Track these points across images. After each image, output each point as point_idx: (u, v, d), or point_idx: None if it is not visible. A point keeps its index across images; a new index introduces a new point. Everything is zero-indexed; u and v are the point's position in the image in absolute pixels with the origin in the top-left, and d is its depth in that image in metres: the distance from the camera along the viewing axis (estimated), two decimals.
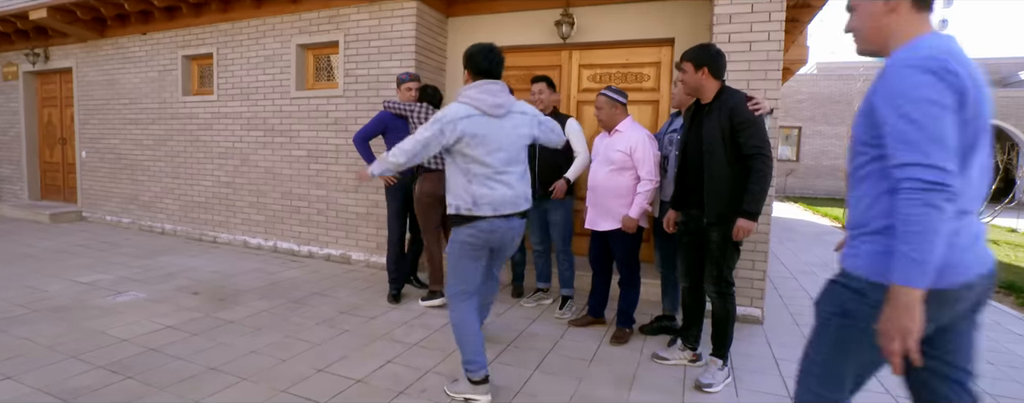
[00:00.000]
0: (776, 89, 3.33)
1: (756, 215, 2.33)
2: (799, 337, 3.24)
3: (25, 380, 2.35)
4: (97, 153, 6.72)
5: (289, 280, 4.19)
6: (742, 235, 2.35)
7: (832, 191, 16.52)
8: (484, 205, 2.19)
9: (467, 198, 2.19)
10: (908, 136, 1.09)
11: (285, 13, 5.07)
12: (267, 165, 5.31)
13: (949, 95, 1.09)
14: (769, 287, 4.44)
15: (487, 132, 2.17)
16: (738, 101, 2.34)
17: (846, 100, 16.39)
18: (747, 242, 3.42)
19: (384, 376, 2.49)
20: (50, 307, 3.35)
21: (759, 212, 2.34)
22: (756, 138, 2.30)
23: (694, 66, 2.40)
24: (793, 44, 6.07)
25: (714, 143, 2.36)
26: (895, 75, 1.13)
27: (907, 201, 1.08)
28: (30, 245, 5.27)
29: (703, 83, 2.41)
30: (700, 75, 2.39)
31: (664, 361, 2.75)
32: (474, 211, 2.19)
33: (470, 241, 2.22)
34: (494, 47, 2.26)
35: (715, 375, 2.47)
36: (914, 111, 1.09)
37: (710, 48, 2.41)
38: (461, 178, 2.20)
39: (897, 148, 1.11)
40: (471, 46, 2.27)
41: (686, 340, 2.75)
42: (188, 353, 2.69)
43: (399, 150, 2.18)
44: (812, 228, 8.82)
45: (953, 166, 1.07)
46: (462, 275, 2.28)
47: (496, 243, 2.28)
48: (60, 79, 7.23)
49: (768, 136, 2.36)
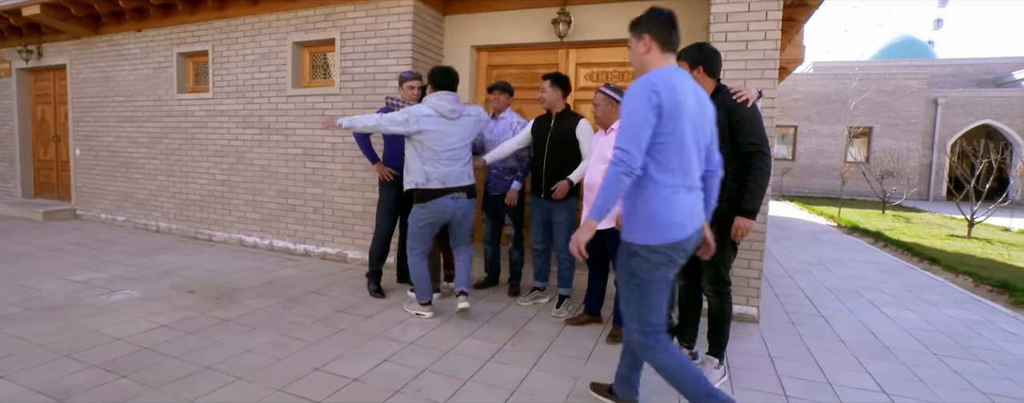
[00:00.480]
0: (773, 88, 3.34)
1: (755, 213, 2.34)
2: (795, 336, 3.25)
3: (18, 379, 2.33)
4: (91, 151, 6.68)
5: (285, 279, 4.18)
6: (741, 234, 2.36)
7: (828, 190, 16.58)
8: (434, 180, 3.08)
9: (421, 175, 3.09)
10: (622, 131, 1.75)
11: (281, 10, 5.04)
12: (263, 163, 5.28)
13: (649, 108, 1.73)
14: (765, 286, 4.45)
15: (441, 129, 3.08)
16: (735, 101, 2.35)
17: (842, 99, 16.44)
18: (744, 241, 3.43)
19: (380, 375, 2.49)
20: (43, 306, 3.33)
21: (757, 210, 2.35)
22: (754, 136, 2.31)
23: (690, 66, 2.39)
24: (789, 43, 6.08)
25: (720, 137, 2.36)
26: (629, 91, 1.77)
27: (609, 171, 1.74)
28: (23, 243, 5.24)
29: (699, 82, 2.39)
30: (695, 74, 2.39)
31: None
32: (426, 185, 3.08)
33: (424, 216, 3.15)
34: (451, 69, 3.22)
35: (711, 374, 2.47)
36: (627, 115, 1.75)
37: (705, 47, 2.41)
38: (417, 160, 3.11)
39: (617, 138, 1.76)
40: (434, 67, 3.22)
41: (682, 339, 2.75)
42: (183, 352, 2.67)
43: (372, 119, 3.12)
44: (808, 227, 8.85)
45: (638, 154, 1.73)
46: (418, 239, 3.22)
47: (448, 218, 3.20)
48: (54, 76, 7.17)
49: (766, 134, 2.37)
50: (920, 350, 3.08)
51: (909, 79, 16.15)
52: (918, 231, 8.38)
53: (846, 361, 2.86)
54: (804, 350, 3.00)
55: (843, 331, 3.37)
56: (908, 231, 8.31)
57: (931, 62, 18.81)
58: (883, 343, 3.17)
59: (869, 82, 16.27)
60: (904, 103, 16.13)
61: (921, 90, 16.03)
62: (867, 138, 16.50)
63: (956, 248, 6.81)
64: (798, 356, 2.91)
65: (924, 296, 4.37)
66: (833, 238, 7.67)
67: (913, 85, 16.08)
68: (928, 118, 16.21)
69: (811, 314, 3.73)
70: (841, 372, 2.70)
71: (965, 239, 7.70)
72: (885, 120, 16.23)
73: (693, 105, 1.81)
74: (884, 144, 16.08)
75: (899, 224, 9.24)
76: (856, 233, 8.30)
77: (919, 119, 16.02)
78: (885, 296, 4.32)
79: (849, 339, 3.22)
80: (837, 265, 5.59)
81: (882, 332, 3.38)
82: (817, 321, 3.57)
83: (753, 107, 2.37)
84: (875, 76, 16.37)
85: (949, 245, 7.03)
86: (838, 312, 3.81)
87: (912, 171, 15.39)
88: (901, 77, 16.24)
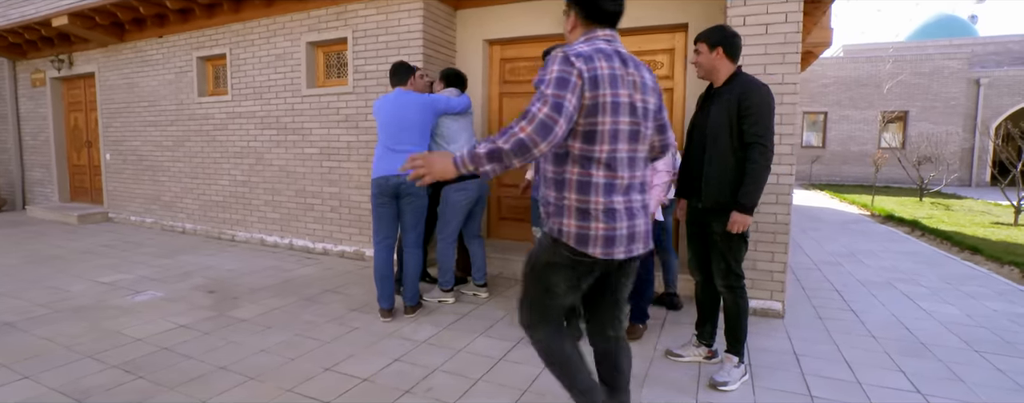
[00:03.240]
0: (794, 73, 3.18)
1: (750, 208, 2.22)
2: (822, 332, 3.10)
3: (42, 380, 2.39)
4: (120, 155, 6.89)
5: (302, 277, 4.22)
6: (737, 228, 2.25)
7: (860, 178, 15.96)
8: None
9: None
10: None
11: (294, 11, 5.08)
12: (281, 163, 5.35)
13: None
14: (791, 279, 4.28)
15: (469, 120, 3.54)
16: (748, 87, 2.23)
17: (875, 83, 15.77)
18: (767, 233, 3.30)
19: (391, 375, 2.47)
20: (72, 307, 3.43)
21: (754, 205, 2.23)
22: (759, 126, 2.19)
23: (709, 46, 2.31)
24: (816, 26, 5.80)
25: (719, 129, 2.27)
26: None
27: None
28: (58, 246, 5.44)
29: (717, 64, 2.32)
30: (714, 55, 2.31)
31: (678, 358, 2.66)
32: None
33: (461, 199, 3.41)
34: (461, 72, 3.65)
35: (731, 373, 2.37)
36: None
37: (725, 29, 2.32)
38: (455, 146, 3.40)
39: None
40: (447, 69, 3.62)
41: (701, 336, 2.66)
42: (199, 352, 2.71)
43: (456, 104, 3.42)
44: (838, 216, 8.52)
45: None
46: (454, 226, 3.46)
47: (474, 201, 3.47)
48: (84, 84, 7.42)
49: (773, 127, 2.24)
50: (959, 346, 2.90)
51: (948, 59, 15.36)
52: (959, 219, 7.97)
53: (878, 359, 2.71)
54: (832, 347, 2.86)
55: (875, 326, 3.21)
56: (948, 219, 7.91)
57: (972, 41, 17.82)
58: (918, 339, 3.00)
59: (904, 64, 15.56)
60: (942, 84, 15.37)
61: (961, 70, 15.24)
62: (902, 123, 15.79)
63: (1001, 237, 6.44)
64: (826, 353, 2.77)
65: (964, 288, 4.13)
66: (866, 228, 7.35)
67: (952, 65, 15.30)
68: (969, 100, 15.41)
69: (840, 308, 3.57)
70: (872, 370, 2.56)
71: (1011, 227, 7.28)
72: (922, 103, 15.50)
73: None
74: (921, 128, 15.37)
75: (938, 212, 8.81)
76: (891, 222, 7.94)
77: (959, 101, 15.24)
78: (921, 289, 4.10)
79: (881, 335, 3.06)
80: (870, 256, 5.35)
81: (917, 327, 3.20)
82: (847, 316, 3.41)
83: (768, 95, 2.24)
84: (911, 57, 15.63)
85: (993, 233, 6.66)
86: (870, 306, 3.63)
87: (952, 156, 14.68)
88: (939, 57, 15.46)
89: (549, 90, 1.43)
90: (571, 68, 1.45)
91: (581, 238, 1.52)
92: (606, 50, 1.54)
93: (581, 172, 1.53)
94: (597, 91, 1.48)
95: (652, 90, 1.64)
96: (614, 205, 1.54)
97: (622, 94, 1.52)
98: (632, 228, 1.57)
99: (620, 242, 1.54)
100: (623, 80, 1.53)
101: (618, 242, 1.54)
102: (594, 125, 1.50)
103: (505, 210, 4.86)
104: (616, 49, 1.58)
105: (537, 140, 1.39)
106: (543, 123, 1.39)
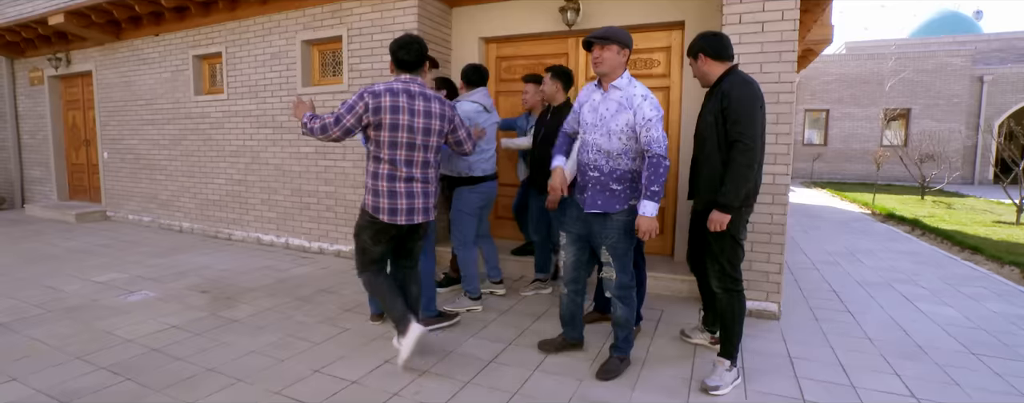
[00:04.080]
0: (790, 71, 3.14)
1: (729, 208, 2.19)
2: (818, 334, 3.07)
3: (30, 382, 2.38)
4: (117, 154, 6.88)
5: (297, 277, 4.20)
6: (714, 227, 2.24)
7: (862, 176, 15.88)
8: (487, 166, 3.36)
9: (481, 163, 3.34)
10: None
11: (290, 9, 5.05)
12: (277, 162, 5.33)
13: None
14: (788, 279, 4.25)
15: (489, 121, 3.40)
16: (730, 85, 2.22)
17: (877, 80, 15.66)
18: (763, 233, 3.26)
19: (379, 377, 2.45)
20: (64, 307, 3.42)
21: (733, 205, 2.19)
22: (740, 124, 2.16)
23: (692, 57, 2.40)
24: (816, 23, 5.74)
25: (708, 128, 2.29)
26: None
27: None
28: (54, 245, 5.43)
29: (705, 69, 2.39)
30: (700, 62, 2.38)
31: (688, 339, 2.86)
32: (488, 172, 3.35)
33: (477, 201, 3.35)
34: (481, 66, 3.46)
35: (722, 376, 2.34)
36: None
37: (703, 35, 2.39)
38: None
39: None
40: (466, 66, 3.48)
41: (706, 322, 2.80)
42: (189, 353, 2.70)
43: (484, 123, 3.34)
44: (839, 215, 8.47)
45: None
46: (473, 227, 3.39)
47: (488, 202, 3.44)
48: (82, 82, 7.41)
49: (758, 124, 2.18)
50: (957, 349, 2.86)
51: (951, 56, 15.25)
52: (960, 218, 7.92)
53: (873, 362, 2.68)
54: (827, 350, 2.83)
55: (872, 328, 3.18)
56: (949, 218, 7.86)
57: (975, 37, 17.69)
58: (915, 341, 2.97)
59: (907, 61, 15.44)
60: (946, 82, 15.26)
61: (965, 67, 15.13)
62: (905, 120, 15.70)
63: (1002, 236, 6.39)
64: (821, 356, 2.74)
65: (964, 289, 4.09)
66: (866, 226, 7.31)
67: (956, 62, 15.19)
68: (973, 97, 15.30)
69: (837, 310, 3.53)
70: (867, 374, 2.53)
71: (1013, 226, 7.23)
72: (925, 101, 15.40)
73: None
74: (923, 126, 15.28)
75: (939, 210, 8.75)
76: (891, 221, 7.89)
77: (962, 98, 15.14)
78: (920, 289, 4.07)
79: (878, 337, 3.03)
80: (869, 256, 5.31)
81: (915, 329, 3.17)
82: (844, 317, 3.38)
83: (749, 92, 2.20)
84: (913, 54, 15.52)
85: (995, 233, 6.61)
86: (867, 307, 3.60)
87: (954, 154, 14.59)
88: (942, 54, 15.35)
89: (341, 109, 2.33)
90: (360, 100, 2.31)
91: (374, 209, 2.40)
92: (396, 88, 2.36)
93: (374, 167, 2.41)
94: (380, 116, 2.32)
95: (437, 115, 2.46)
96: (395, 189, 2.39)
97: (401, 118, 2.35)
98: (410, 205, 2.42)
99: (400, 213, 2.40)
100: (404, 109, 2.35)
101: (398, 213, 2.40)
102: (380, 137, 2.36)
103: (501, 209, 4.84)
104: (407, 87, 2.39)
105: (317, 133, 2.35)
106: (324, 126, 2.34)
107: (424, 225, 2.56)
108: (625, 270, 2.40)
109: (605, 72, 2.34)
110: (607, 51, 2.30)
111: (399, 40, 2.46)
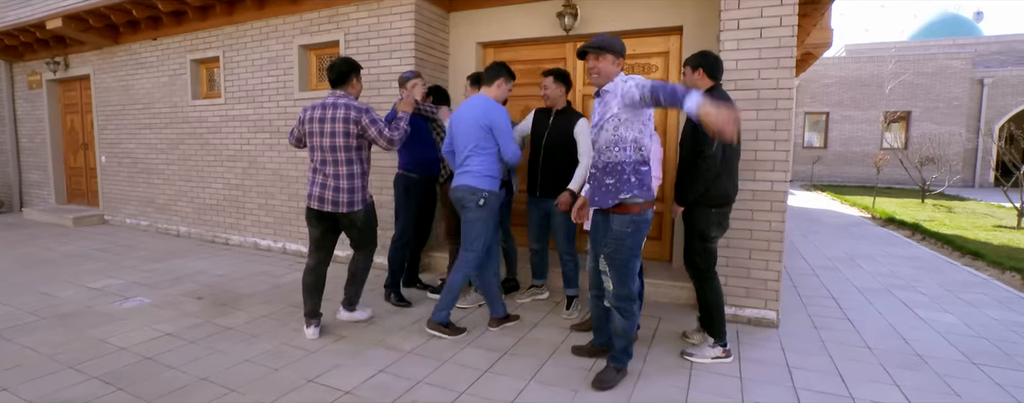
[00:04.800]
0: (788, 77, 3.12)
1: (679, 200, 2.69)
2: (817, 342, 3.05)
3: (20, 392, 2.36)
4: (115, 157, 6.87)
5: (293, 283, 4.17)
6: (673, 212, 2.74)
7: (862, 179, 15.85)
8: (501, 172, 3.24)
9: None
10: None
11: (287, 14, 5.04)
12: (274, 167, 5.31)
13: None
14: (787, 285, 4.22)
15: None
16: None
17: (877, 83, 15.65)
18: (761, 240, 3.25)
19: (374, 387, 2.43)
20: (58, 314, 3.40)
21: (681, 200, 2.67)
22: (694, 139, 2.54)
23: (691, 68, 2.69)
24: (815, 27, 5.73)
25: (686, 138, 2.66)
26: None
27: None
28: (51, 249, 5.41)
29: (698, 83, 2.67)
30: (696, 76, 2.67)
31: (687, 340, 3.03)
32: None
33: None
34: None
35: (704, 351, 2.72)
36: None
37: (707, 54, 2.69)
38: None
39: None
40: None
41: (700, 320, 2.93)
42: (182, 362, 2.67)
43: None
44: (839, 219, 8.45)
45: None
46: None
47: None
48: (80, 86, 7.40)
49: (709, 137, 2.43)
50: (957, 358, 2.84)
51: (951, 59, 15.24)
52: (961, 222, 7.89)
53: (872, 371, 2.65)
54: (826, 358, 2.81)
55: (871, 336, 3.15)
56: (949, 222, 7.83)
57: (976, 40, 17.68)
58: (915, 350, 2.94)
59: (907, 64, 15.43)
60: (946, 85, 15.24)
61: (965, 70, 15.11)
62: (905, 123, 15.68)
63: (1003, 241, 6.36)
64: (819, 365, 2.72)
65: (965, 296, 4.06)
66: (866, 231, 7.28)
67: (956, 65, 15.17)
68: (973, 100, 15.29)
69: (836, 317, 3.51)
70: (865, 384, 2.51)
71: (1014, 230, 7.20)
72: (925, 103, 15.39)
73: None
74: (924, 129, 15.26)
75: (940, 214, 8.72)
76: (891, 225, 7.87)
77: (962, 101, 15.12)
78: (920, 296, 4.04)
79: (877, 346, 3.00)
80: (868, 261, 5.28)
81: (914, 337, 3.14)
82: (842, 325, 3.35)
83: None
84: (913, 57, 15.50)
85: (995, 237, 6.58)
86: (866, 314, 3.57)
87: (955, 157, 14.55)
88: (942, 57, 15.34)
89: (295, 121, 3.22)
90: (302, 113, 2.97)
91: (308, 198, 2.98)
92: (318, 103, 2.93)
93: (310, 164, 2.99)
94: (304, 125, 2.96)
95: (342, 120, 2.85)
96: (313, 180, 2.96)
97: (314, 126, 2.90)
98: (321, 195, 2.92)
99: (313, 200, 2.95)
100: (316, 119, 2.90)
101: (312, 199, 2.95)
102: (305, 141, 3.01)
103: None
104: (324, 102, 2.91)
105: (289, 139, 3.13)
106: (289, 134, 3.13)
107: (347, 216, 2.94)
108: (624, 283, 2.37)
109: (601, 83, 2.39)
110: (602, 62, 2.31)
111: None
